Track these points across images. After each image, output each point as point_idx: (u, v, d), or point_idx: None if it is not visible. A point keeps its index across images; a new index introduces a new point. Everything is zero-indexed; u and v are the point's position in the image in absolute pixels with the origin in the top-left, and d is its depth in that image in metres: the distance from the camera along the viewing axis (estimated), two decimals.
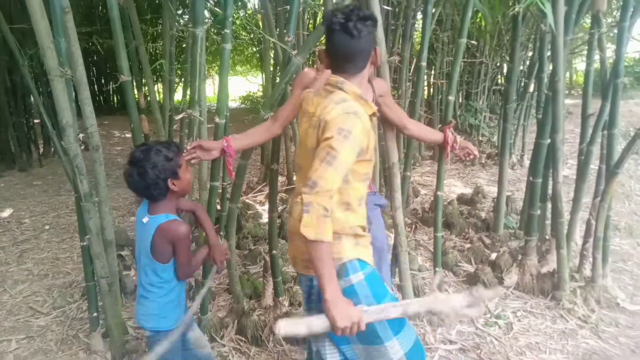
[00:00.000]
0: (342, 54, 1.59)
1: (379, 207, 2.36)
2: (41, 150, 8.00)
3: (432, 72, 7.19)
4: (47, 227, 4.72)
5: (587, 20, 5.48)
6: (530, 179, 3.26)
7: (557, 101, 2.80)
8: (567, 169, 5.61)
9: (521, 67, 6.12)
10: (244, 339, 2.67)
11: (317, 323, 1.43)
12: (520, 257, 3.28)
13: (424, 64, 2.90)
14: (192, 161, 2.06)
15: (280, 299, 2.80)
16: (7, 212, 5.17)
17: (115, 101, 14.94)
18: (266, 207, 4.91)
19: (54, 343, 2.74)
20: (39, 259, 3.94)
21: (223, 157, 2.12)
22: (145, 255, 1.75)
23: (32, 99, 7.54)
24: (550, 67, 2.89)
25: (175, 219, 1.74)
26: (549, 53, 3.24)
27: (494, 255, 3.52)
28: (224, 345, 2.61)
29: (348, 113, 1.50)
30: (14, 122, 7.18)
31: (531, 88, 5.73)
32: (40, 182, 6.49)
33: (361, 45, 1.57)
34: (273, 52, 5.16)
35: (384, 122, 2.46)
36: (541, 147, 3.05)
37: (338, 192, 1.53)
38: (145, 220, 1.73)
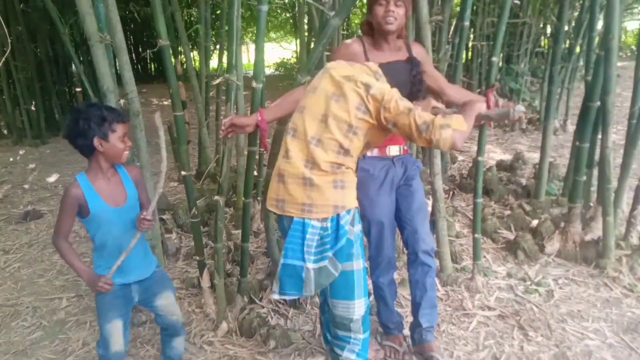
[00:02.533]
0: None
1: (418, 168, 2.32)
2: None
3: (472, 34, 6.93)
4: None
5: None
6: (577, 143, 3.13)
7: (610, 60, 2.64)
8: (613, 134, 5.37)
9: (566, 28, 5.81)
10: (282, 301, 2.72)
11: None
12: (562, 224, 3.19)
13: (466, 23, 2.78)
14: (229, 136, 2.08)
15: None
16: (53, 177, 5.38)
17: (153, 69, 15.15)
18: None
19: None
20: None
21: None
22: None
23: (73, 67, 7.73)
24: (601, 26, 2.73)
25: (77, 182, 1.79)
26: (599, 10, 3.07)
27: (534, 222, 3.43)
28: (262, 307, 2.67)
29: (359, 70, 1.75)
30: (57, 90, 7.39)
31: (577, 49, 5.45)
32: None
33: None
34: (307, 17, 5.06)
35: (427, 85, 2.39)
36: (590, 110, 2.91)
37: (346, 140, 1.68)
38: None
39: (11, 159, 6.21)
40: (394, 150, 2.19)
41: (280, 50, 17.00)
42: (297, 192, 1.68)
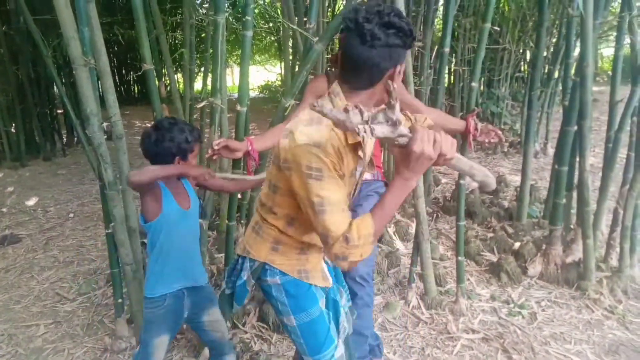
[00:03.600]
0: (347, 61, 1.32)
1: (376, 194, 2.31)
2: (64, 140, 8.13)
3: (454, 59, 7.07)
4: (71, 215, 4.80)
5: (614, 5, 5.31)
6: (556, 167, 3.19)
7: (585, 86, 2.72)
8: (592, 157, 5.48)
9: (545, 54, 5.97)
10: (265, 326, 2.69)
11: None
12: (544, 246, 3.23)
13: (446, 49, 2.84)
14: (214, 157, 2.07)
15: None
16: (33, 201, 5.28)
17: (136, 91, 15.09)
18: None
19: (80, 328, 2.80)
20: (65, 246, 4.02)
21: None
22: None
23: (55, 89, 7.67)
24: (577, 52, 2.82)
25: (159, 185, 1.79)
26: (575, 38, 3.17)
27: (517, 245, 3.47)
28: (245, 332, 2.63)
29: (309, 146, 1.27)
30: (38, 112, 7.30)
31: (555, 75, 5.60)
32: (64, 172, 6.60)
33: (372, 57, 1.27)
34: (292, 40, 5.13)
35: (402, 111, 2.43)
36: (567, 134, 2.98)
37: (288, 208, 1.44)
38: None
39: None
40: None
41: (265, 73, 17.13)
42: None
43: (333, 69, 2.24)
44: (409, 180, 1.26)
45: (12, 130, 6.90)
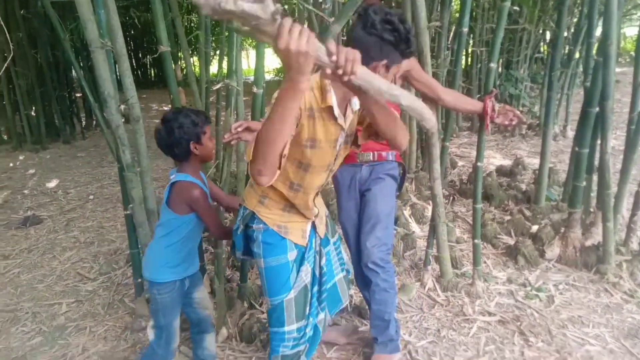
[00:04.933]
0: (347, 38, 1.57)
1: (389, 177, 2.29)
2: (83, 123, 8.24)
3: (472, 39, 6.95)
4: (91, 197, 4.89)
5: None
6: (576, 149, 3.13)
7: (608, 67, 2.65)
8: (613, 140, 5.38)
9: (565, 34, 5.83)
10: None
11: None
12: (563, 229, 3.19)
13: (465, 29, 2.79)
14: (232, 142, 2.08)
15: None
16: (53, 183, 5.38)
17: (153, 75, 15.18)
18: None
19: (101, 307, 2.86)
20: (85, 227, 4.10)
21: None
22: (163, 206, 1.89)
23: (73, 72, 7.75)
24: (599, 32, 2.74)
25: (192, 182, 1.84)
26: (597, 17, 3.08)
27: (534, 228, 3.43)
28: (262, 312, 2.66)
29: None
30: (57, 95, 7.40)
31: (576, 55, 5.47)
32: (83, 154, 6.70)
33: (365, 41, 1.48)
34: (307, 23, 5.08)
35: (420, 94, 2.40)
36: (589, 116, 2.91)
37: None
38: (172, 177, 1.89)
39: (11, 165, 6.22)
40: (365, 156, 2.22)
41: None
42: None
43: None
44: (292, 82, 1.17)
45: (32, 113, 7.01)
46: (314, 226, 1.86)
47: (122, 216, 3.96)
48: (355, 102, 1.65)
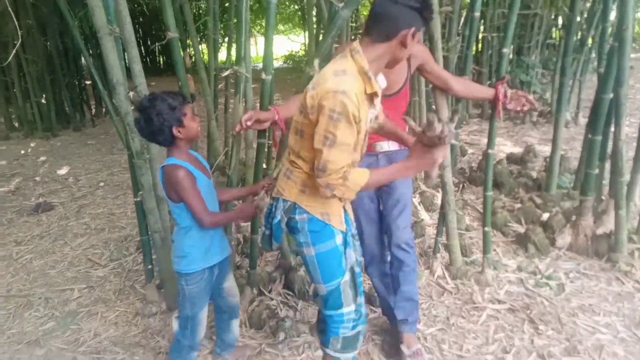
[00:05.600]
0: (373, 11, 1.56)
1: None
2: (93, 110, 8.28)
3: (482, 25, 6.84)
4: (101, 184, 4.92)
5: None
6: (589, 136, 3.09)
7: (623, 52, 2.60)
8: (626, 127, 5.30)
9: (578, 18, 5.72)
10: (291, 293, 2.73)
11: None
12: (574, 217, 3.16)
13: (477, 14, 2.74)
14: (243, 132, 2.07)
15: None
16: (64, 170, 5.42)
17: (162, 62, 15.18)
18: None
19: (112, 293, 2.89)
20: (96, 214, 4.14)
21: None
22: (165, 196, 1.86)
23: (83, 60, 7.77)
24: (614, 16, 2.68)
25: (174, 164, 1.76)
26: (612, 1, 3.01)
27: (545, 216, 3.40)
28: (272, 299, 2.68)
29: (336, 93, 1.46)
30: (67, 83, 7.43)
31: (589, 41, 5.37)
32: (93, 142, 6.74)
33: (392, 11, 1.51)
34: (316, 9, 5.03)
35: (430, 82, 2.38)
36: (602, 102, 2.87)
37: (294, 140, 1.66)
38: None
39: (22, 152, 6.27)
40: (382, 146, 2.20)
41: (289, 43, 16.94)
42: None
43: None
44: (409, 170, 1.60)
45: (43, 101, 7.04)
46: (345, 211, 1.85)
47: (132, 203, 3.98)
48: (382, 82, 1.68)
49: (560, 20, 7.52)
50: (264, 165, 2.89)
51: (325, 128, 1.49)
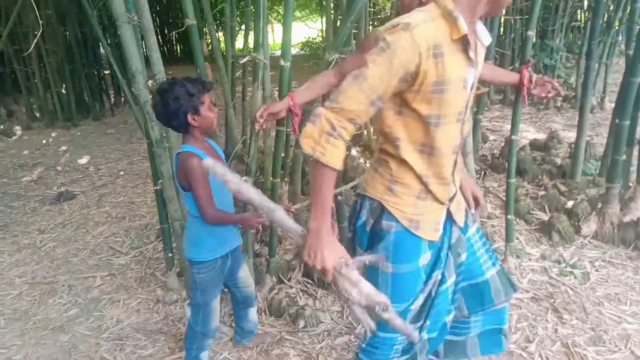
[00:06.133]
0: None
1: None
2: (112, 100, 8.35)
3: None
4: (121, 173, 4.97)
5: None
6: (616, 121, 2.99)
7: None
8: None
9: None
10: (310, 281, 2.72)
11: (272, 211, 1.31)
12: (600, 205, 3.08)
13: None
14: (264, 126, 2.04)
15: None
16: (85, 159, 5.49)
17: (179, 51, 15.21)
18: None
19: (133, 280, 2.93)
20: (116, 202, 4.18)
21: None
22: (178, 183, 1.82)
23: (101, 49, 7.82)
24: None
25: (189, 151, 1.73)
26: None
27: (570, 203, 3.33)
28: (291, 287, 2.68)
29: (397, 23, 1.18)
30: (86, 72, 7.49)
31: (616, 24, 5.20)
32: (113, 131, 6.81)
33: None
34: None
35: None
36: (631, 86, 2.77)
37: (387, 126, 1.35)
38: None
39: (44, 142, 6.36)
40: None
41: (306, 30, 16.81)
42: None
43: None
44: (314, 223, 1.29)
45: (63, 91, 7.12)
46: (450, 215, 1.51)
47: (152, 191, 4.01)
48: (485, 36, 1.34)
49: (586, 2, 7.30)
50: (283, 154, 2.87)
51: (367, 58, 1.21)
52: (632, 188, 3.02)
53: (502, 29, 7.22)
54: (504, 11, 6.75)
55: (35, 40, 5.04)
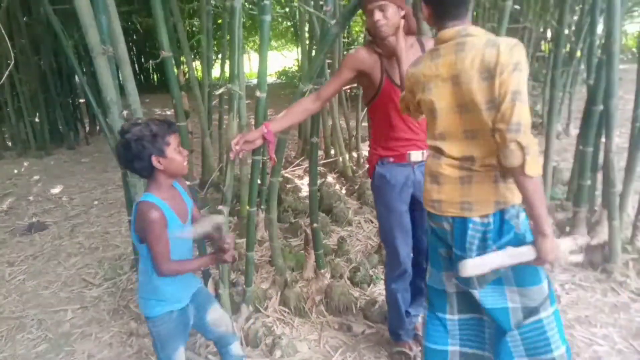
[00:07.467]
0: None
1: None
2: (87, 128, 8.28)
3: None
4: (95, 202, 4.90)
5: None
6: (580, 147, 3.12)
7: (612, 64, 2.64)
8: (617, 138, 5.35)
9: (566, 32, 5.81)
10: (287, 310, 2.71)
11: (511, 256, 1.49)
12: (568, 228, 3.18)
13: None
14: (240, 155, 2.07)
15: (322, 271, 2.82)
16: (58, 189, 5.40)
17: (156, 79, 15.25)
18: (304, 180, 4.92)
19: (106, 313, 2.86)
20: (90, 232, 4.11)
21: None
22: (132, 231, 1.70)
23: (76, 79, 7.78)
24: (602, 29, 2.73)
25: (149, 202, 1.60)
26: (599, 14, 3.07)
27: None
28: (268, 316, 2.66)
29: (517, 44, 1.45)
30: (61, 102, 7.44)
31: (577, 53, 5.45)
32: (87, 160, 6.73)
33: None
34: (308, 25, 5.09)
35: None
36: (593, 114, 2.90)
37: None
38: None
39: (15, 171, 6.24)
40: (415, 155, 2.08)
41: (282, 59, 17.08)
42: (454, 192, 1.60)
43: (371, 39, 2.11)
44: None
45: (36, 120, 7.04)
46: None
47: (126, 221, 3.97)
48: None
49: (549, 33, 7.64)
50: (259, 182, 2.89)
51: (513, 84, 1.41)
52: (598, 212, 3.13)
53: None
54: None
55: (8, 71, 5.00)
